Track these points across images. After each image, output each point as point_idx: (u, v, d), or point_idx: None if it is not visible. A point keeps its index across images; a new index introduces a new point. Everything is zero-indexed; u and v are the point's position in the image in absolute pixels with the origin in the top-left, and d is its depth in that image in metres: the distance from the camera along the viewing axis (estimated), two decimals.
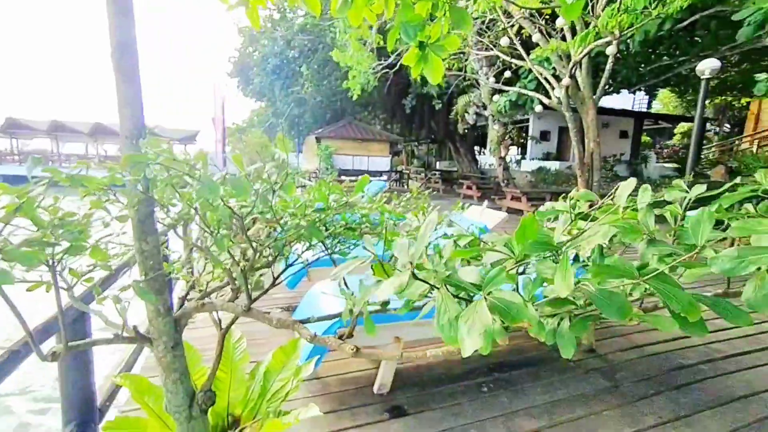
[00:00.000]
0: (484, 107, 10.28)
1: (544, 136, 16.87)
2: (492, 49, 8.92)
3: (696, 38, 9.76)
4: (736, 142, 14.67)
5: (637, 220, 0.84)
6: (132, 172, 0.78)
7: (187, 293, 1.18)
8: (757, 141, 13.19)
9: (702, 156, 13.99)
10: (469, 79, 10.39)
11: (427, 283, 0.73)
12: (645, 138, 22.22)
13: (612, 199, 0.92)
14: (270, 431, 1.24)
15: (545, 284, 0.81)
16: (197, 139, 26.10)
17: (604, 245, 0.80)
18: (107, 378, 2.03)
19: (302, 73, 16.28)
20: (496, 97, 9.17)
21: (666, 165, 15.44)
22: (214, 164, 0.89)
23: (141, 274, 0.99)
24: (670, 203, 0.95)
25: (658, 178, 11.76)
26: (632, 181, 0.91)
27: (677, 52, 9.94)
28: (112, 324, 0.99)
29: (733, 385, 2.29)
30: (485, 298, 0.68)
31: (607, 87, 13.45)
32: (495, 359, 2.49)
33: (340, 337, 1.04)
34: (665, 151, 17.62)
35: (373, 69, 9.05)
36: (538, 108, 8.45)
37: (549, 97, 7.96)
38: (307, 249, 1.20)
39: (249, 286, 1.07)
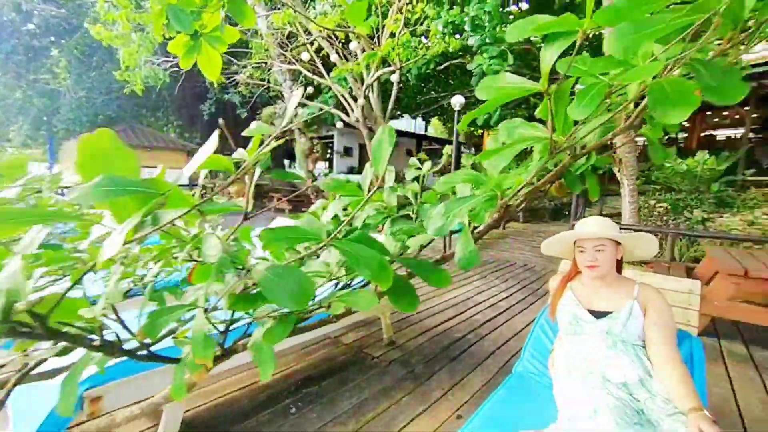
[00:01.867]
0: (290, 121, 10.37)
1: (348, 151, 18.36)
2: (294, 64, 9.09)
3: (451, 80, 12.64)
4: None
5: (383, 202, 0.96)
6: None
7: None
8: None
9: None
10: (274, 91, 10.25)
11: None
12: (424, 156, 27.25)
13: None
14: None
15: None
16: None
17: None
18: None
19: (53, 57, 12.45)
20: (300, 111, 9.42)
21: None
22: None
23: None
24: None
25: None
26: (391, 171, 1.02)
27: (440, 88, 12.63)
28: None
29: (487, 345, 2.95)
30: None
31: (394, 111, 15.72)
32: (303, 373, 2.40)
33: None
34: (438, 167, 22.10)
35: (156, 60, 7.73)
36: (339, 124, 9.10)
37: (348, 115, 8.65)
38: None
39: None
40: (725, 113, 14.42)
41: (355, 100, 8.35)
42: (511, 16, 9.67)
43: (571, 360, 1.41)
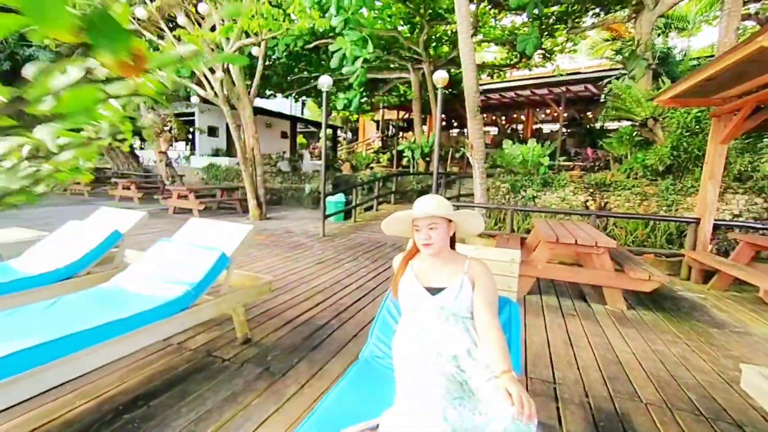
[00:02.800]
0: None
1: (213, 132, 16.48)
2: (131, 23, 7.49)
3: (323, 61, 12.28)
4: (354, 145, 20.20)
5: None
6: None
7: None
8: (364, 145, 18.73)
9: (338, 155, 18.21)
10: None
11: None
12: (302, 140, 26.37)
13: None
14: None
15: None
16: None
17: None
18: None
19: None
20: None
21: (317, 162, 19.02)
22: None
23: None
24: None
25: (311, 172, 14.26)
26: None
27: (311, 68, 12.19)
28: None
29: (350, 328, 2.93)
30: None
31: (263, 90, 14.58)
32: (130, 394, 1.97)
33: None
34: (316, 150, 21.67)
35: None
36: (195, 99, 7.94)
37: (205, 89, 7.61)
38: None
39: None
40: (547, 111, 17.69)
41: (213, 72, 7.37)
42: (378, 2, 9.82)
43: (410, 338, 1.42)
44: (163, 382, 2.10)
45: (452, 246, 1.58)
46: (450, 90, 14.85)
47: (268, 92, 15.15)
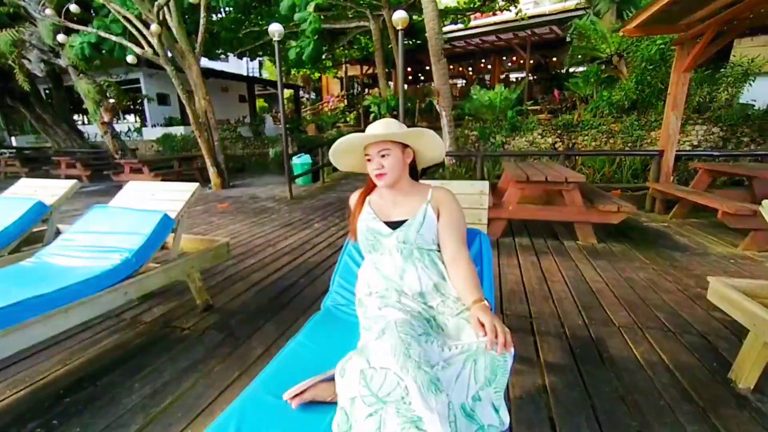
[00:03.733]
0: (56, 53, 7.59)
1: (163, 99, 15.25)
2: None
3: (276, 13, 11.26)
4: (319, 106, 19.29)
5: None
6: None
7: None
8: (328, 105, 17.89)
9: (302, 116, 17.37)
10: (13, 7, 7.18)
11: None
12: (263, 103, 24.95)
13: None
14: None
15: None
16: None
17: None
18: None
19: None
20: (62, 37, 6.82)
21: (280, 126, 18.13)
22: None
23: None
24: None
25: (275, 135, 13.56)
26: None
27: (263, 21, 11.19)
28: None
29: (320, 285, 2.79)
30: None
31: (213, 49, 13.38)
32: (73, 376, 1.77)
33: None
34: (279, 114, 20.56)
35: None
36: (131, 58, 7.12)
37: (142, 47, 6.82)
38: None
39: None
40: (513, 58, 17.36)
41: (147, 26, 6.56)
42: None
43: (370, 280, 1.27)
44: (113, 360, 1.91)
45: (415, 177, 1.41)
46: (413, 41, 14.17)
47: (219, 52, 13.95)
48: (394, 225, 1.28)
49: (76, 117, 16.55)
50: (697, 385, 1.61)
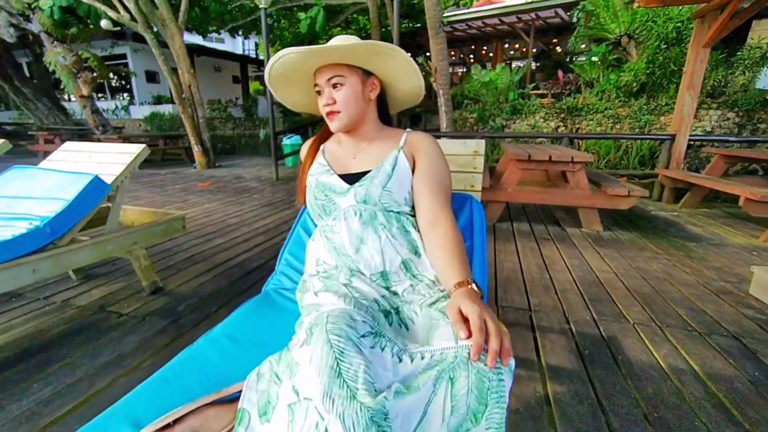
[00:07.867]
0: (26, 17, 7.06)
1: (152, 77, 14.67)
2: None
3: None
4: None
5: None
6: None
7: None
8: None
9: None
10: None
11: None
12: (257, 86, 24.29)
13: None
14: None
15: None
16: None
17: None
18: None
19: None
20: None
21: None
22: None
23: None
24: None
25: (267, 117, 13.05)
26: None
27: None
28: None
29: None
30: None
31: (204, 25, 12.80)
32: None
33: None
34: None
35: None
36: (105, 23, 6.63)
37: (118, 11, 6.34)
38: None
39: None
40: (516, 45, 16.82)
41: None
42: None
43: (320, 255, 0.92)
44: (19, 352, 1.56)
45: (386, 122, 1.05)
46: (413, 24, 13.61)
47: (211, 29, 13.33)
48: (353, 178, 0.92)
49: (59, 93, 15.95)
50: (738, 400, 1.29)
